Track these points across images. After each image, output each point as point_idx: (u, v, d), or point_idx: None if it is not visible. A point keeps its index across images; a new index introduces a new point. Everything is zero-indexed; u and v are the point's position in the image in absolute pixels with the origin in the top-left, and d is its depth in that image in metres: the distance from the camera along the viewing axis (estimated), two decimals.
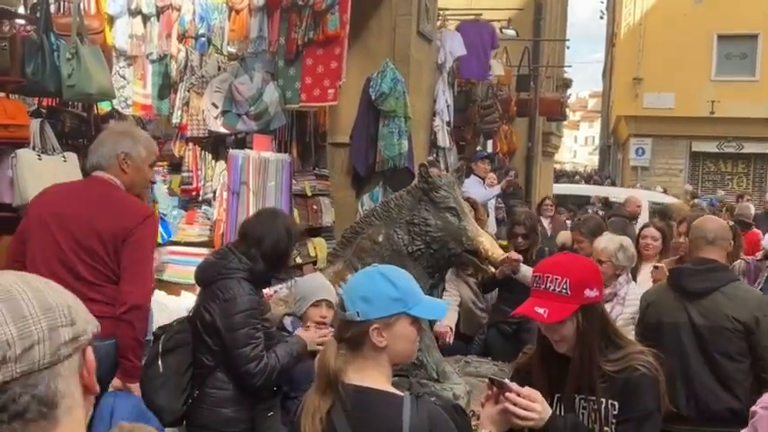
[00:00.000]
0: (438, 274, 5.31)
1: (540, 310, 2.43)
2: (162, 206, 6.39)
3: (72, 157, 4.38)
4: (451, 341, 5.45)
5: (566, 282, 2.42)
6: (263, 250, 3.34)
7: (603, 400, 2.43)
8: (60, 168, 4.23)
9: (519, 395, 2.23)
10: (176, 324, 3.41)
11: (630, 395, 2.41)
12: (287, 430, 3.45)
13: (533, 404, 2.23)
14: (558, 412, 2.46)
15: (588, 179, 31.85)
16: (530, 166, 14.77)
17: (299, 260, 7.15)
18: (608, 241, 4.73)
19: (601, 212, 10.56)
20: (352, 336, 2.06)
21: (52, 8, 4.81)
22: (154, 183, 5.13)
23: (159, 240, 6.56)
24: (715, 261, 3.73)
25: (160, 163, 7.55)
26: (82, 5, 5.06)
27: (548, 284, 2.45)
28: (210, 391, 3.28)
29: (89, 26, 4.76)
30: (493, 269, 4.99)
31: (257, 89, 6.63)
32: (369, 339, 2.04)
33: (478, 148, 12.13)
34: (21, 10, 4.72)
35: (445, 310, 2.26)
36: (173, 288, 6.95)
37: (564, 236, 6.95)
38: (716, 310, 3.61)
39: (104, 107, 6.16)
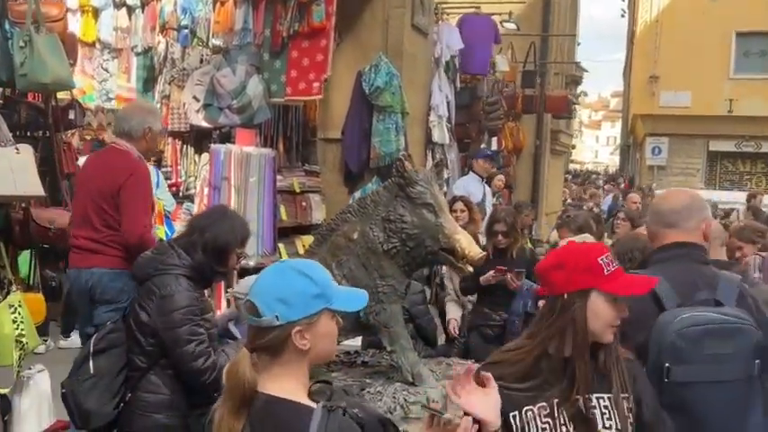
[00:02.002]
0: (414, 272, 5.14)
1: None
2: (167, 204, 6.23)
3: (26, 148, 4.22)
4: (457, 331, 5.53)
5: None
6: (205, 240, 3.17)
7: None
8: (13, 160, 4.08)
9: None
10: (110, 323, 3.23)
11: (634, 383, 2.22)
12: None
13: None
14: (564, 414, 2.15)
15: (609, 179, 31.47)
16: (537, 165, 14.49)
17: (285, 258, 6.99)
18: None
19: None
20: (271, 343, 1.84)
21: None
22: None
23: (163, 237, 6.41)
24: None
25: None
26: None
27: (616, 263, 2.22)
28: (143, 395, 3.09)
29: (47, 14, 4.59)
30: (470, 268, 4.75)
31: (240, 82, 6.47)
32: (291, 344, 1.83)
33: (483, 145, 11.90)
34: None
35: (365, 299, 2.01)
36: None
37: (555, 234, 6.69)
38: None
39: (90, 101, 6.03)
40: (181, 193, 6.85)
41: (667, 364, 2.48)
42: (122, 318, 3.20)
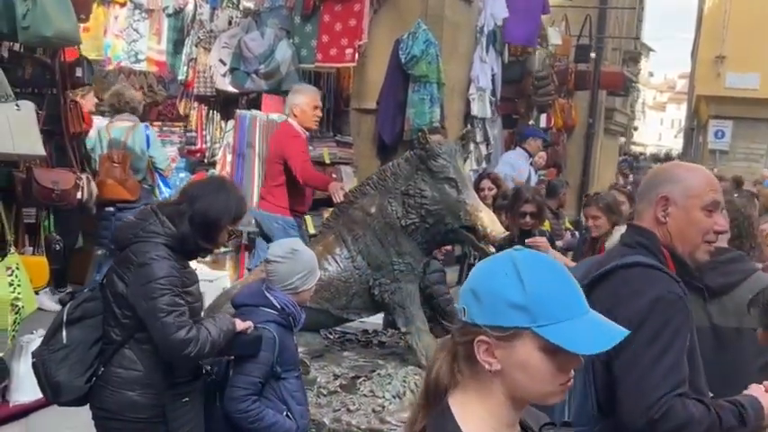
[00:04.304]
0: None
1: None
2: (158, 161, 6.01)
3: (26, 105, 4.05)
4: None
5: None
6: (195, 210, 2.93)
7: None
8: (12, 116, 3.91)
9: None
10: (87, 291, 3.04)
11: None
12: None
13: None
14: None
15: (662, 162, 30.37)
16: (589, 145, 13.91)
17: (312, 230, 6.77)
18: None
19: None
20: (460, 339, 1.44)
21: None
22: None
23: (157, 195, 6.26)
24: (732, 249, 3.11)
25: (177, 123, 7.31)
26: None
27: None
28: (116, 370, 2.89)
29: None
30: (492, 249, 4.44)
31: (269, 46, 6.24)
32: (475, 353, 1.40)
33: (531, 122, 11.47)
34: None
35: (613, 340, 1.39)
36: None
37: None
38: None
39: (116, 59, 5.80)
40: (206, 160, 6.69)
41: None
42: (100, 286, 2.99)
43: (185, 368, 2.95)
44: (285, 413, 3.03)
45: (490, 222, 4.47)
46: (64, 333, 2.91)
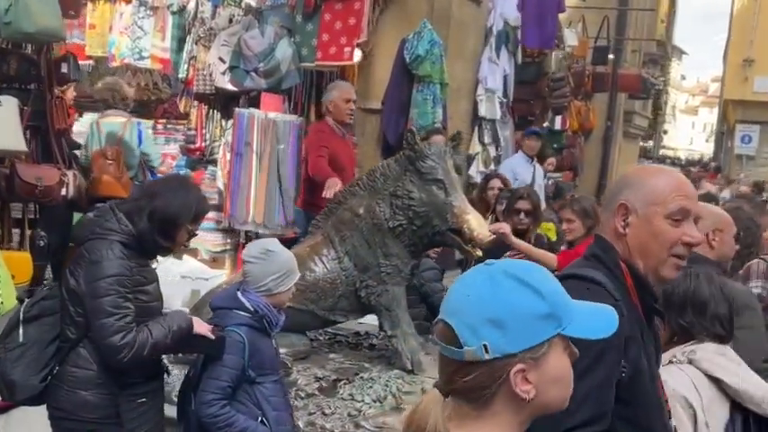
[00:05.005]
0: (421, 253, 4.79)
1: None
2: (152, 159, 5.97)
3: (9, 101, 4.05)
4: None
5: None
6: (153, 207, 2.89)
7: None
8: None
9: None
10: (46, 289, 3.01)
11: None
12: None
13: None
14: None
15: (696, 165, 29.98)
16: (607, 148, 13.70)
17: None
18: None
19: None
20: (474, 385, 1.27)
21: None
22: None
23: None
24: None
25: (182, 121, 7.30)
26: None
27: None
28: (71, 369, 2.85)
29: None
30: (479, 252, 4.37)
31: (269, 44, 6.19)
32: (505, 389, 1.26)
33: (546, 123, 11.32)
34: None
35: (613, 320, 1.36)
36: None
37: None
38: None
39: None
40: (204, 158, 6.66)
41: None
42: (58, 284, 2.97)
43: (138, 369, 2.90)
44: (260, 419, 2.97)
45: (477, 225, 4.39)
46: (20, 331, 2.88)
